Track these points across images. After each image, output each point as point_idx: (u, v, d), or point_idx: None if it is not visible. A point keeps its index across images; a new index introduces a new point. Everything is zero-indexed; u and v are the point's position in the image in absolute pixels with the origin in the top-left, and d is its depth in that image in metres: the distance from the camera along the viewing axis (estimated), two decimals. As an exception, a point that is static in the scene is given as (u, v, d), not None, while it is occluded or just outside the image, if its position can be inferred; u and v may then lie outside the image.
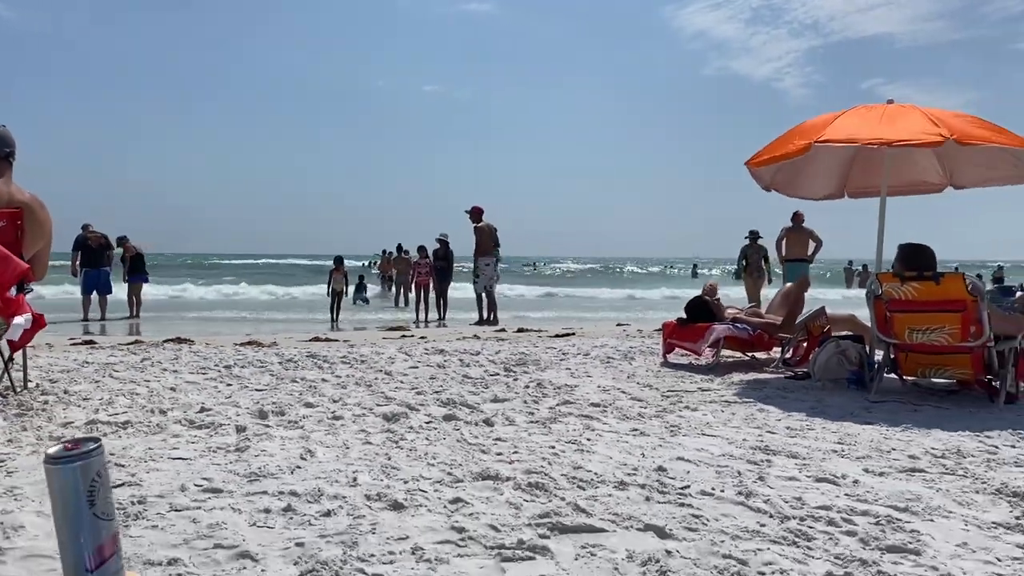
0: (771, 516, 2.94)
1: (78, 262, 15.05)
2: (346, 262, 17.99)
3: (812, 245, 12.61)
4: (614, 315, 18.16)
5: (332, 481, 3.29)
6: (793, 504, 3.08)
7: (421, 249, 17.30)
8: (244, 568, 2.41)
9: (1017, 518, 2.97)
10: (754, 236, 14.28)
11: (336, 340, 9.43)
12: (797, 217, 12.49)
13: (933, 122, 5.47)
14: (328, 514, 2.89)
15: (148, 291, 17.44)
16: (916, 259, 5.18)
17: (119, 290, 15.96)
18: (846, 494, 3.24)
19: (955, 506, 3.11)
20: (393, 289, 22.67)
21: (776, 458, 3.78)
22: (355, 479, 3.33)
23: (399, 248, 22.51)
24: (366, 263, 23.37)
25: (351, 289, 19.72)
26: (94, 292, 15.21)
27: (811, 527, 2.82)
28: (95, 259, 15.06)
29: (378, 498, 3.07)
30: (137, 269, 16.36)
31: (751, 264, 14.20)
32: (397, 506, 2.98)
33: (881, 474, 3.56)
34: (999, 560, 2.55)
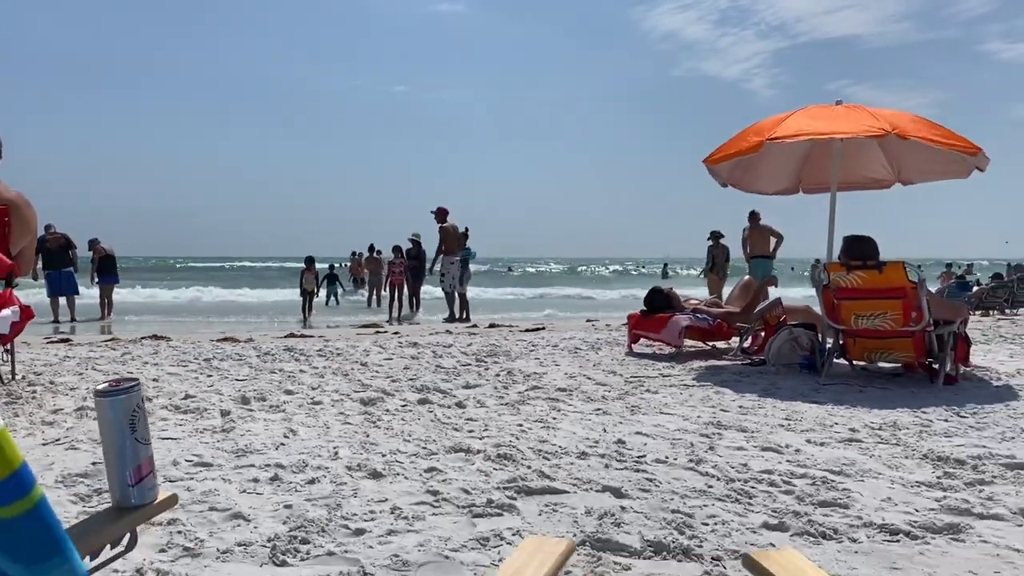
0: (718, 479, 3.24)
1: (39, 265, 14.91)
2: (317, 264, 18.15)
3: (773, 241, 13.04)
4: (585, 313, 18.49)
5: (315, 455, 3.54)
6: (739, 469, 3.38)
7: (396, 249, 17.49)
8: (238, 526, 2.65)
9: (939, 478, 3.30)
10: (717, 236, 14.70)
11: (311, 336, 9.63)
12: (754, 216, 12.90)
13: (876, 118, 5.83)
14: (312, 482, 3.14)
15: (117, 293, 17.42)
16: (860, 249, 5.53)
17: (88, 290, 15.90)
18: (788, 460, 3.55)
19: (885, 469, 3.43)
20: (365, 291, 22.72)
21: (727, 432, 4.09)
22: (336, 453, 3.57)
23: (371, 248, 22.56)
24: (339, 265, 23.20)
25: (323, 292, 19.77)
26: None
27: (753, 487, 3.12)
28: (55, 261, 14.93)
29: (358, 468, 3.32)
30: (107, 270, 16.32)
31: (717, 263, 14.61)
32: (376, 475, 3.24)
33: (822, 444, 3.87)
34: (916, 511, 2.86)
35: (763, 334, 7.12)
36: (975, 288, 20.38)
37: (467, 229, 14.60)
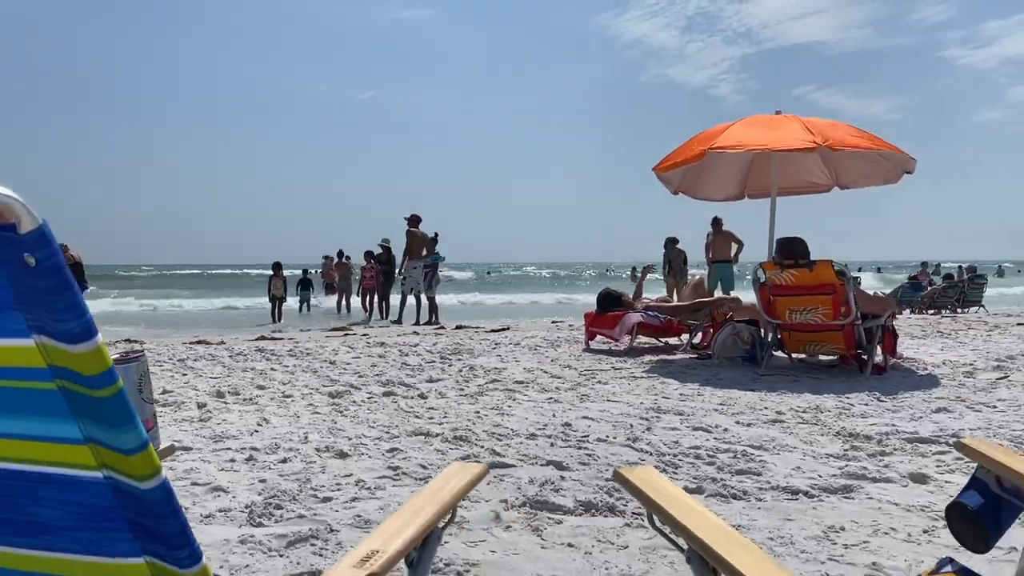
0: (650, 454, 3.63)
1: None
2: (285, 270, 18.37)
3: (735, 247, 13.54)
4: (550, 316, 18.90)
5: (286, 439, 3.87)
6: (670, 445, 3.77)
7: (368, 255, 17.75)
8: (218, 496, 2.98)
9: (846, 450, 3.71)
10: (672, 242, 15.26)
11: (281, 338, 9.91)
12: (717, 222, 13.39)
13: (809, 130, 6.29)
14: (285, 461, 3.48)
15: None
16: (792, 249, 5.97)
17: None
18: (715, 438, 3.95)
19: (800, 444, 3.84)
20: (335, 296, 22.76)
21: (665, 416, 4.48)
22: (306, 437, 3.91)
23: (340, 254, 22.72)
24: (313, 271, 23.20)
25: (294, 300, 19.89)
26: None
27: (681, 460, 3.51)
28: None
29: (326, 450, 3.66)
30: (76, 277, 16.43)
31: (673, 267, 15.13)
32: (343, 455, 3.58)
33: (748, 424, 4.28)
34: (819, 477, 3.27)
35: (712, 331, 7.55)
36: (928, 288, 21.16)
37: (436, 234, 14.93)
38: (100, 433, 0.88)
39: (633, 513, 2.77)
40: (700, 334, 7.76)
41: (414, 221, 14.60)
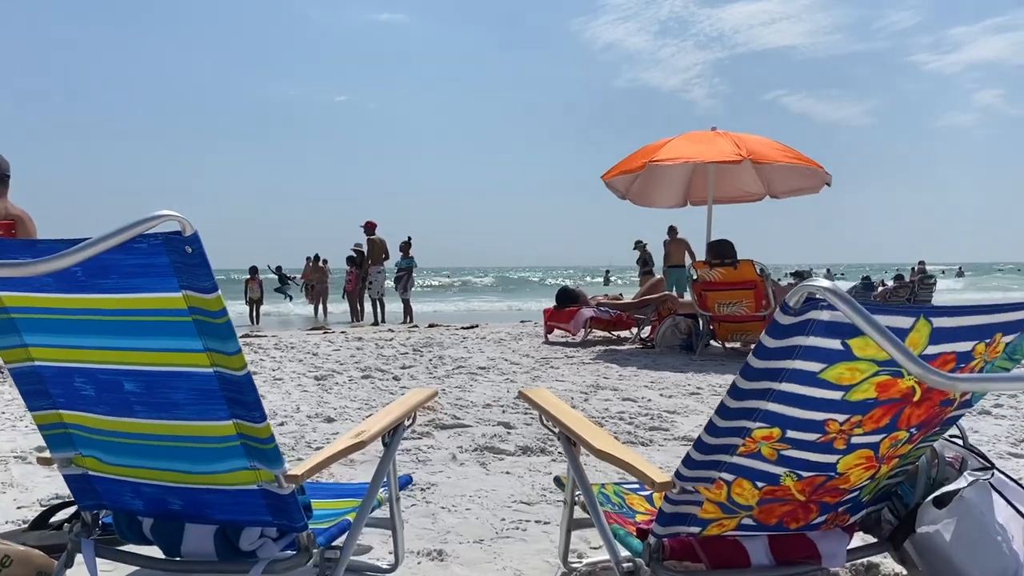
0: (583, 417, 4.43)
1: None
2: (260, 275, 19.04)
3: (687, 255, 14.50)
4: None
5: (281, 410, 4.63)
6: (600, 411, 4.59)
7: (350, 259, 18.38)
8: (232, 447, 3.73)
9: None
10: (642, 244, 16.23)
11: (265, 335, 10.61)
12: (673, 230, 14.32)
13: (737, 145, 7.16)
14: (282, 424, 4.24)
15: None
16: (720, 250, 6.83)
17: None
18: (639, 407, 4.77)
19: (708, 410, 4.67)
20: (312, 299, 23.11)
21: (602, 391, 5.30)
22: (298, 408, 4.67)
23: (316, 258, 23.17)
24: (293, 278, 23.62)
25: (271, 303, 20.46)
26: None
27: (606, 421, 4.32)
28: None
29: (316, 416, 4.43)
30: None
31: (648, 265, 16.10)
32: (330, 420, 4.35)
33: (670, 396, 5.11)
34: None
35: (658, 323, 8.40)
36: (879, 288, 22.25)
37: (409, 238, 15.69)
38: (216, 344, 1.67)
39: (558, 453, 3.57)
40: (649, 327, 8.60)
41: (370, 228, 15.24)
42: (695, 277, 6.84)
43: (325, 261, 22.02)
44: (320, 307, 21.39)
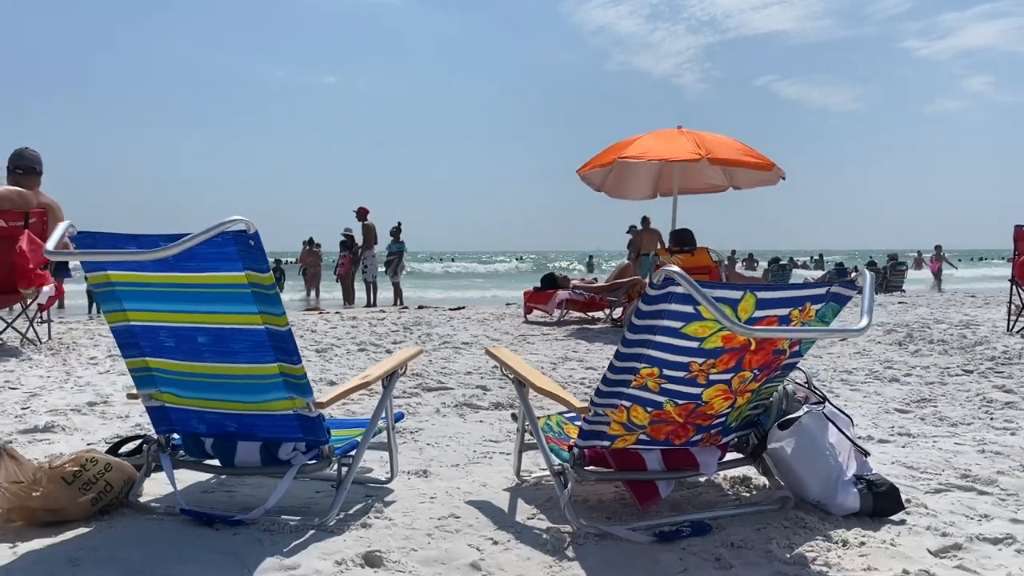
0: (550, 382, 5.17)
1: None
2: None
3: (658, 244, 15.25)
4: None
5: (290, 376, 5.34)
6: (565, 377, 5.32)
7: (343, 244, 19.00)
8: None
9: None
10: (634, 229, 16.99)
11: (263, 316, 11.30)
12: (646, 220, 15.04)
13: (698, 144, 7.87)
14: (292, 386, 4.95)
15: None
16: (680, 237, 7.56)
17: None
18: (599, 374, 5.50)
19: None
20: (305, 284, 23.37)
21: (569, 362, 6.04)
22: (304, 374, 5.38)
23: (310, 241, 23.61)
24: (285, 261, 23.98)
25: None
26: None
27: (569, 384, 5.06)
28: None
29: (320, 380, 5.15)
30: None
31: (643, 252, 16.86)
32: (332, 383, 5.07)
33: (628, 367, 5.85)
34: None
35: (629, 304, 9.14)
36: (853, 274, 23.11)
37: (400, 223, 16.35)
38: (267, 308, 2.39)
39: (525, 408, 4.30)
40: (620, 309, 9.34)
41: (362, 214, 15.82)
42: (657, 263, 7.57)
43: (319, 245, 22.50)
44: (313, 291, 21.94)
